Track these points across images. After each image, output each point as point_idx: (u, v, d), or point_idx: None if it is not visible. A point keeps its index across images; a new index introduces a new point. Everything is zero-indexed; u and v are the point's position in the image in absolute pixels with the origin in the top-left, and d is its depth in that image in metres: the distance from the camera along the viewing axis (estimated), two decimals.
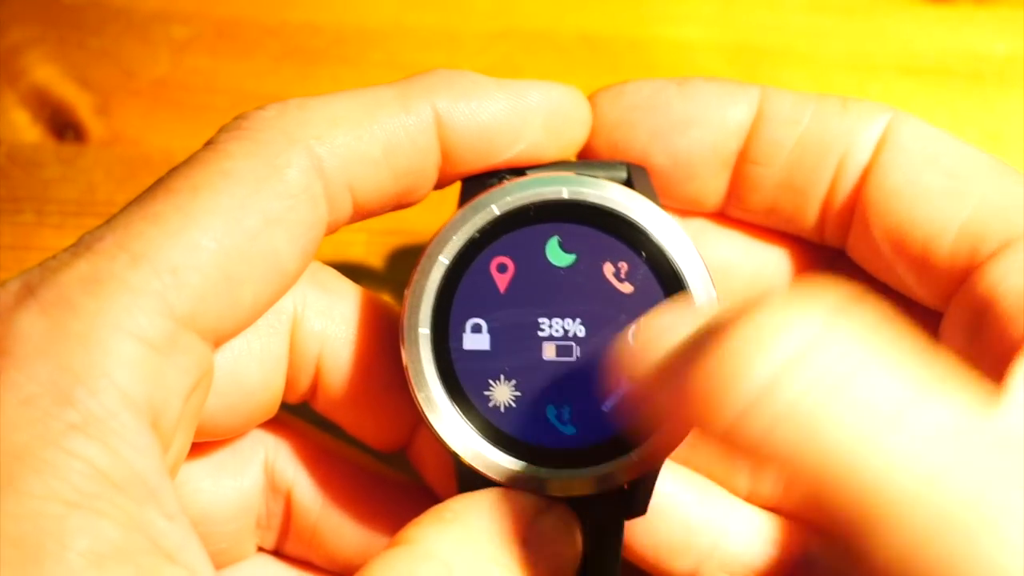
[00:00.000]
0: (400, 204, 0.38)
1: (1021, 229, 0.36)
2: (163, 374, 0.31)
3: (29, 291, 0.30)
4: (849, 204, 0.40)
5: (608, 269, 0.37)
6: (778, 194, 0.41)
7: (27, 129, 0.57)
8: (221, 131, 0.35)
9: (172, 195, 0.32)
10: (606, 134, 0.41)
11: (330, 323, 0.38)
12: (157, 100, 0.57)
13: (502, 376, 0.37)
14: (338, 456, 0.42)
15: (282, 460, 0.41)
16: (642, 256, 0.37)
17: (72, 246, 0.32)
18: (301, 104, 0.35)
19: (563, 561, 0.36)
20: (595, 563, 0.38)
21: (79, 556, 0.27)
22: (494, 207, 0.37)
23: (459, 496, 0.35)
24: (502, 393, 0.37)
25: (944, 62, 0.58)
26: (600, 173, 0.39)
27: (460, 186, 0.39)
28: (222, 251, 0.32)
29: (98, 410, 0.29)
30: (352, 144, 0.35)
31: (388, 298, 0.43)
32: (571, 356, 0.37)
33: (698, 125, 0.40)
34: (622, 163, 0.40)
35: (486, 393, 0.37)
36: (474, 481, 0.37)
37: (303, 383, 0.39)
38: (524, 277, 0.37)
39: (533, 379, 0.37)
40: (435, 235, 0.37)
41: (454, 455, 0.37)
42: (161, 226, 0.31)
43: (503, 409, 0.37)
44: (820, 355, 0.27)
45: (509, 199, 0.37)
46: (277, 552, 0.43)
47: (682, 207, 0.42)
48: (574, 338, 0.37)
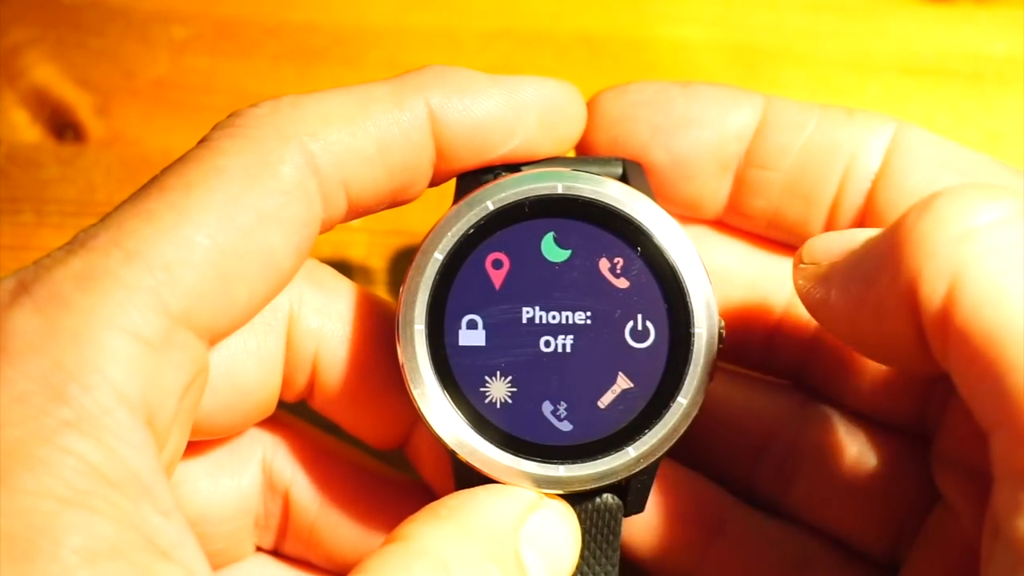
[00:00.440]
0: (395, 201, 0.38)
1: None
2: (158, 371, 0.31)
3: (23, 288, 0.30)
4: (860, 210, 0.40)
5: (604, 264, 0.37)
6: (782, 200, 0.41)
7: (27, 129, 0.57)
8: (215, 129, 0.35)
9: (165, 192, 0.32)
10: (607, 129, 0.41)
11: (327, 321, 0.38)
12: (157, 100, 0.57)
13: (498, 372, 0.37)
14: (336, 455, 0.42)
15: (280, 459, 0.41)
16: (637, 251, 0.37)
17: (67, 244, 0.32)
18: (294, 101, 0.35)
19: (560, 558, 0.36)
20: (593, 561, 0.38)
21: (73, 553, 0.27)
22: (489, 203, 0.37)
23: (455, 493, 0.35)
24: (498, 389, 0.37)
25: (944, 62, 0.58)
26: (595, 169, 0.39)
27: (455, 182, 0.39)
28: (216, 248, 0.32)
29: (92, 407, 0.29)
30: (346, 140, 0.35)
31: (387, 297, 0.43)
32: (567, 352, 0.37)
33: (699, 125, 0.40)
34: (617, 159, 0.40)
35: (482, 389, 0.37)
36: (471, 478, 0.36)
37: (300, 381, 0.39)
38: (519, 273, 0.37)
39: (529, 375, 0.37)
40: (430, 231, 0.37)
41: (450, 452, 0.37)
42: (154, 223, 0.31)
43: (499, 405, 0.37)
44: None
45: (504, 195, 0.37)
46: (275, 552, 0.43)
47: (682, 211, 0.42)
48: (570, 333, 0.37)
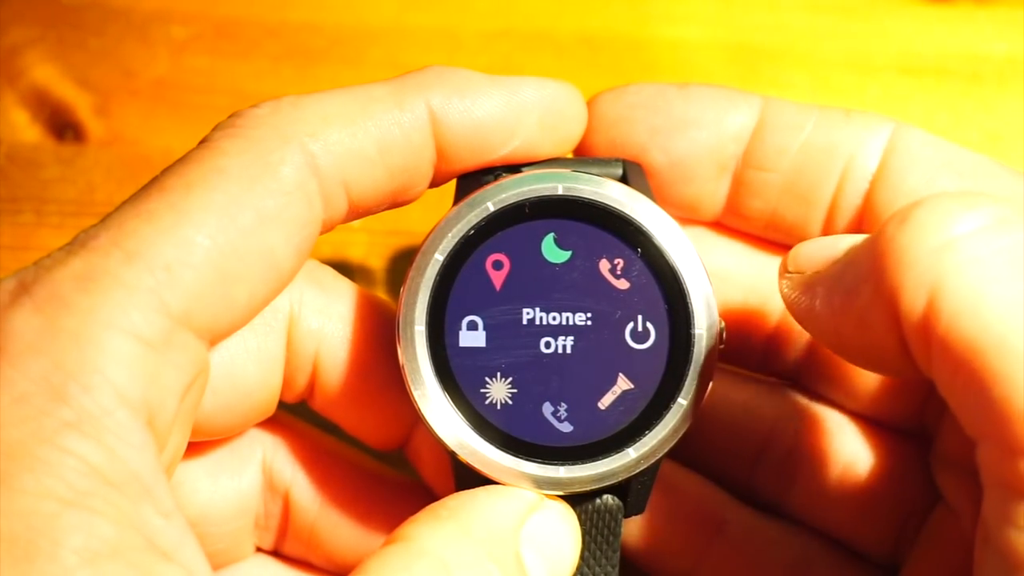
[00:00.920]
0: (396, 202, 0.38)
1: None
2: (158, 371, 0.31)
3: (24, 289, 0.30)
4: (858, 211, 0.40)
5: (604, 265, 0.37)
6: (780, 201, 0.41)
7: (26, 129, 0.57)
8: (215, 129, 0.35)
9: (166, 193, 0.32)
10: (605, 131, 0.41)
11: (327, 321, 0.38)
12: (157, 100, 0.57)
13: (498, 373, 0.37)
14: (336, 455, 0.42)
15: (280, 460, 0.41)
16: (638, 252, 0.37)
17: (67, 244, 0.32)
18: (295, 102, 0.35)
19: (561, 559, 0.36)
20: (593, 561, 0.38)
21: (73, 554, 0.27)
22: (489, 204, 0.37)
23: (456, 494, 0.35)
24: (498, 390, 0.37)
25: (944, 62, 0.58)
26: (596, 170, 0.39)
27: (455, 183, 0.39)
28: (216, 248, 0.32)
29: (92, 407, 0.29)
30: (346, 141, 0.35)
31: (387, 298, 0.43)
32: (567, 353, 0.37)
33: (697, 126, 0.40)
34: (618, 160, 0.40)
35: (482, 390, 0.37)
36: (471, 479, 0.36)
37: (300, 382, 0.39)
38: (520, 274, 0.37)
39: (529, 376, 0.37)
40: (430, 232, 0.37)
41: (451, 453, 0.37)
42: (155, 223, 0.31)
43: (500, 406, 0.37)
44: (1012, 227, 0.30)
45: (504, 196, 0.37)
46: (276, 552, 0.43)
47: (680, 213, 0.42)
48: (570, 334, 0.37)
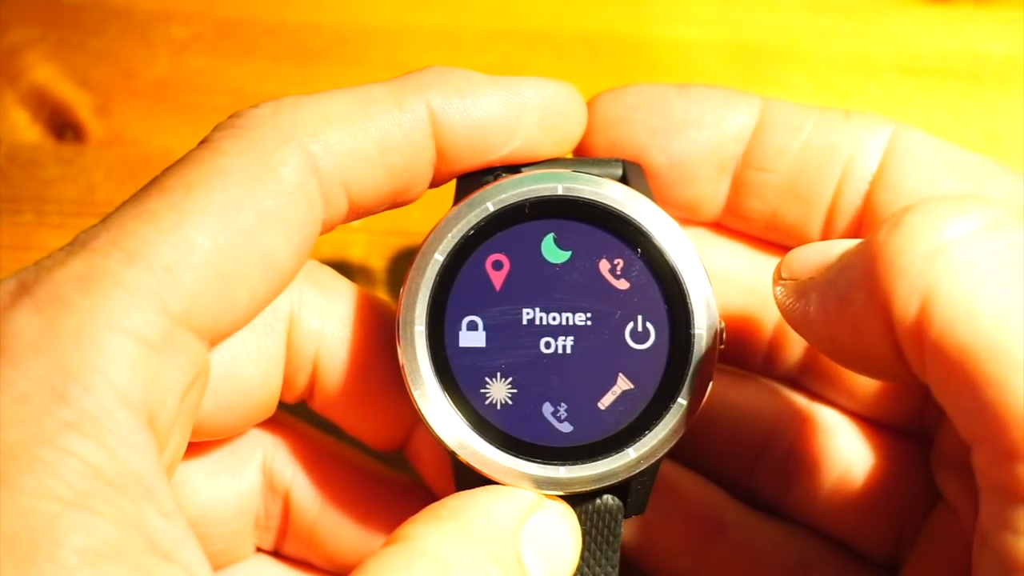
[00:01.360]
0: (396, 202, 0.38)
1: None
2: (158, 372, 0.31)
3: (24, 289, 0.30)
4: (858, 212, 0.40)
5: (604, 265, 0.37)
6: (780, 202, 0.41)
7: (27, 129, 0.57)
8: (216, 129, 0.35)
9: (166, 193, 0.32)
10: (605, 131, 0.41)
11: (327, 322, 0.38)
12: (157, 100, 0.58)
13: (498, 373, 0.37)
14: (336, 456, 0.42)
15: (280, 460, 0.41)
16: (638, 252, 0.37)
17: (67, 245, 0.32)
18: (295, 102, 0.35)
19: (561, 559, 0.36)
20: (593, 562, 0.38)
21: (73, 554, 0.27)
22: (489, 204, 0.37)
23: (456, 494, 0.35)
24: (498, 390, 0.37)
25: (944, 62, 0.58)
26: (596, 170, 0.39)
27: (455, 183, 0.39)
28: (216, 248, 0.32)
29: (93, 408, 0.29)
30: (347, 141, 0.35)
31: (387, 298, 0.43)
32: (567, 353, 0.37)
33: (697, 127, 0.41)
34: (617, 160, 0.40)
35: (482, 391, 0.37)
36: (471, 479, 0.36)
37: (300, 382, 0.39)
38: (520, 274, 0.37)
39: (529, 376, 0.37)
40: (430, 232, 0.37)
41: (451, 453, 0.37)
42: (155, 224, 0.31)
43: (500, 406, 0.37)
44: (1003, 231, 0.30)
45: (504, 196, 0.37)
46: (276, 553, 0.43)
47: (680, 213, 0.42)
48: (570, 335, 0.37)
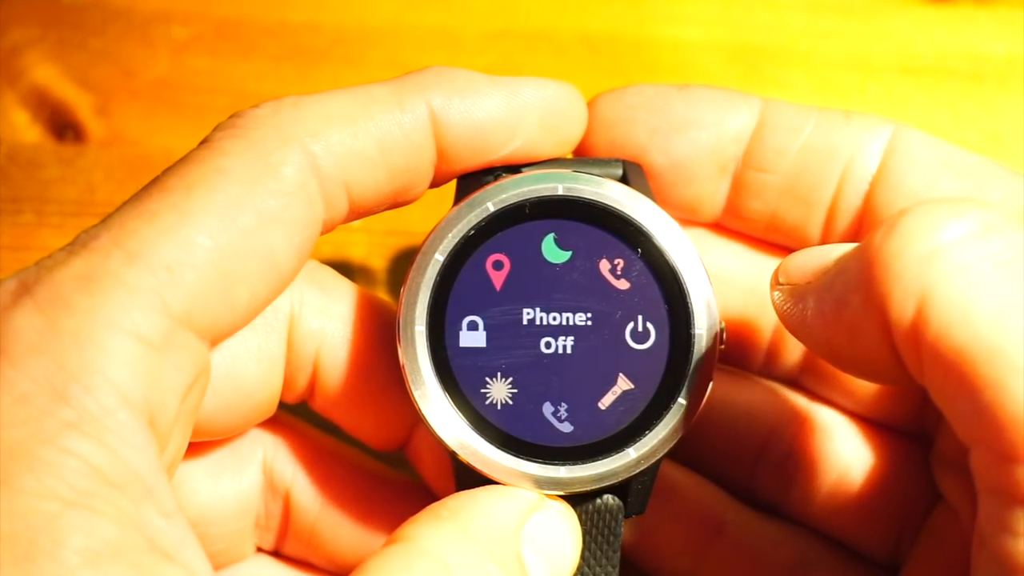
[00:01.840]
0: (396, 202, 0.38)
1: None
2: (159, 372, 0.31)
3: (25, 289, 0.30)
4: (858, 212, 0.40)
5: (604, 265, 0.37)
6: (780, 202, 0.41)
7: (27, 129, 0.57)
8: (216, 129, 0.35)
9: (167, 193, 0.32)
10: (605, 131, 0.41)
11: (328, 322, 0.38)
12: (157, 100, 0.58)
13: (499, 373, 0.37)
14: (337, 456, 0.42)
15: (281, 460, 0.41)
16: (638, 252, 0.37)
17: (68, 245, 0.32)
18: (296, 102, 0.35)
19: (561, 559, 0.36)
20: (594, 561, 0.38)
21: (74, 554, 0.27)
22: (490, 204, 0.37)
23: (456, 494, 0.35)
24: (499, 390, 0.37)
25: (944, 62, 0.58)
26: (596, 170, 0.39)
27: (456, 184, 0.39)
28: (217, 248, 0.32)
29: (94, 408, 0.29)
30: (347, 141, 0.35)
31: (388, 298, 0.43)
32: (568, 353, 0.37)
33: (697, 127, 0.41)
34: (618, 160, 0.40)
35: (483, 391, 0.37)
36: (471, 479, 0.36)
37: (301, 382, 0.39)
38: (520, 274, 0.37)
39: (530, 376, 0.37)
40: (431, 232, 0.37)
41: (451, 453, 0.37)
42: (156, 224, 0.31)
43: (500, 406, 0.37)
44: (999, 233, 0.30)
45: (504, 196, 0.37)
46: (276, 552, 0.43)
47: (680, 214, 0.42)
48: (571, 335, 0.37)
